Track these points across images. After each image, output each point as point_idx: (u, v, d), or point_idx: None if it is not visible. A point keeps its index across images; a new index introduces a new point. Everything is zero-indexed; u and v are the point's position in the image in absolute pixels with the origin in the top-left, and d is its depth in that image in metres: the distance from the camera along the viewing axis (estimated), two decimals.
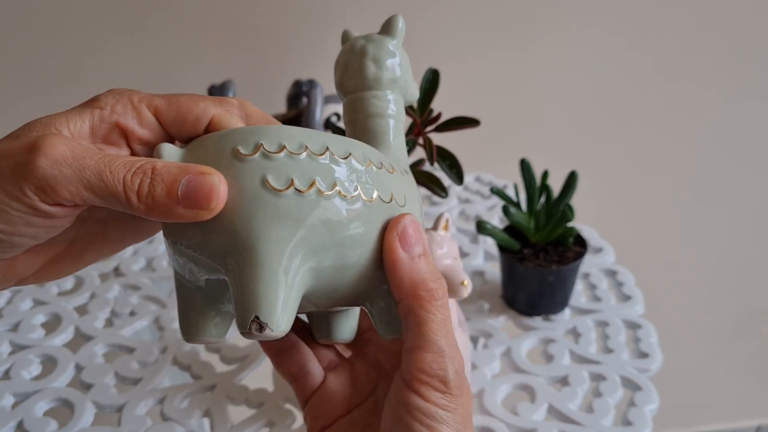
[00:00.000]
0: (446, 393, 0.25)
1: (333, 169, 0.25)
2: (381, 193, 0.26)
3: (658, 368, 0.50)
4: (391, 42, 0.32)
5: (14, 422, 0.46)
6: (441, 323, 0.26)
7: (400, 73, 0.31)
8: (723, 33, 0.89)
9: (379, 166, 0.27)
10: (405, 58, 0.32)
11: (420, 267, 0.26)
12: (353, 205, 0.25)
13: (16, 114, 0.85)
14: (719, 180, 1.01)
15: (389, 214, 0.26)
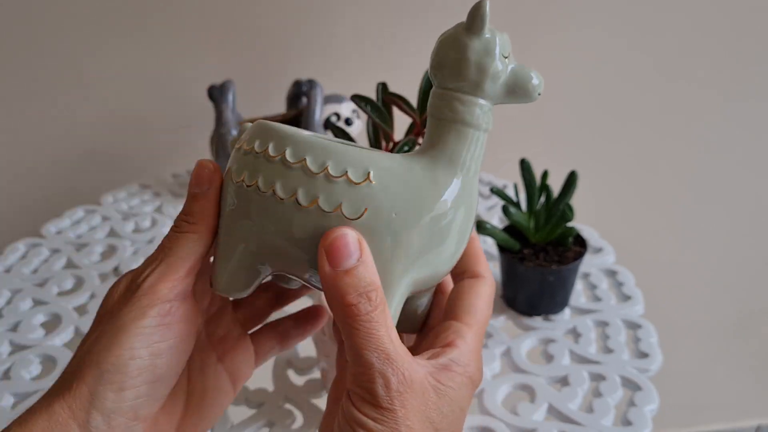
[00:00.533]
0: (376, 406, 0.25)
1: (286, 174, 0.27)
2: (323, 202, 0.26)
3: (658, 368, 0.50)
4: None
5: None
6: (366, 337, 0.26)
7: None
8: (723, 33, 0.89)
9: (339, 174, 0.27)
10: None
11: (344, 282, 0.26)
12: (303, 212, 0.27)
13: (16, 114, 0.85)
14: (719, 180, 1.01)
15: (329, 223, 0.26)
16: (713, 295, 1.13)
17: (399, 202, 0.27)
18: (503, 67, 0.28)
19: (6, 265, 0.64)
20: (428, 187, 0.27)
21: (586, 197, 0.76)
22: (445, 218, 0.27)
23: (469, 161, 0.28)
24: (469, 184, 0.28)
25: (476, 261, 0.32)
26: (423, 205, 0.27)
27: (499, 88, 0.28)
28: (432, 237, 0.27)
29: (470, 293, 0.30)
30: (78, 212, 0.74)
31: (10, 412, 0.47)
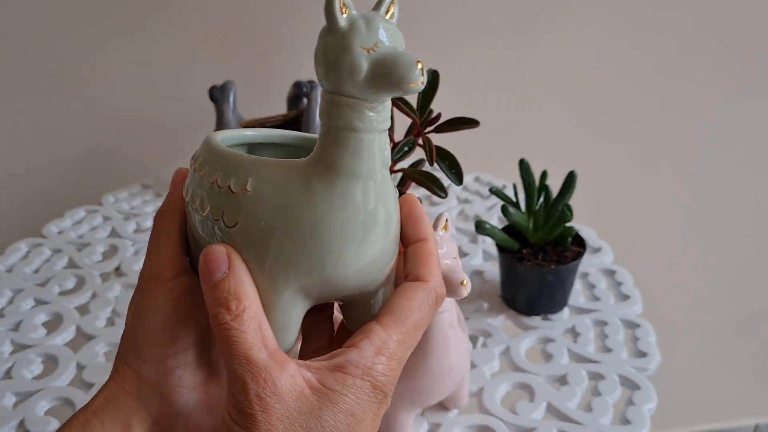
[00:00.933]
0: (239, 411, 0.26)
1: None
2: (211, 212, 0.28)
3: (657, 367, 0.50)
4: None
5: (15, 421, 0.46)
6: (226, 345, 0.26)
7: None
8: (722, 33, 0.89)
9: (224, 184, 0.27)
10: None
11: (211, 295, 0.27)
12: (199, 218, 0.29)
13: (18, 114, 0.85)
14: (717, 180, 1.01)
15: (219, 231, 0.28)
16: (711, 295, 1.13)
17: (269, 211, 0.26)
18: (362, 60, 0.25)
19: (8, 264, 0.65)
20: (300, 194, 0.26)
21: (584, 197, 0.76)
22: (323, 225, 0.26)
23: (350, 165, 0.26)
24: (362, 189, 0.26)
25: (422, 265, 0.30)
26: (294, 215, 0.26)
27: (364, 84, 0.25)
28: (310, 244, 0.27)
29: (401, 295, 0.29)
30: (79, 212, 0.75)
31: (11, 412, 0.47)
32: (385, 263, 0.29)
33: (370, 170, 0.26)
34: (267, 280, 0.27)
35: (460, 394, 0.45)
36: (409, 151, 0.49)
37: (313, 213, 0.26)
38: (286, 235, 0.27)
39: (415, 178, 0.50)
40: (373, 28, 0.25)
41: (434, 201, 0.77)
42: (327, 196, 0.26)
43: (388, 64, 0.25)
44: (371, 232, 0.27)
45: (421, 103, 0.50)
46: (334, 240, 0.27)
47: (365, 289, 0.29)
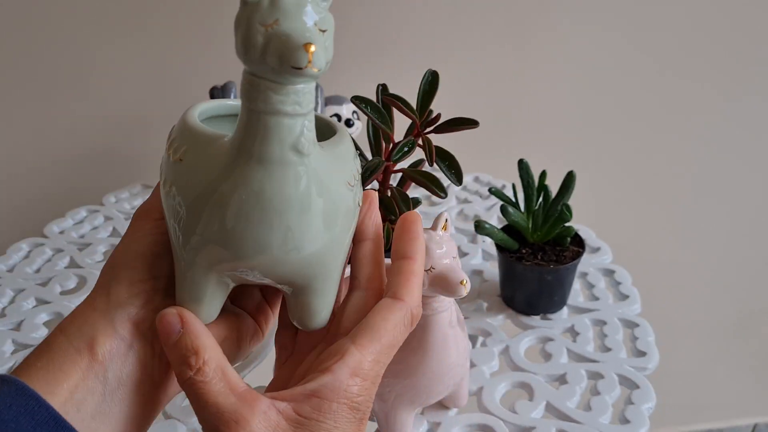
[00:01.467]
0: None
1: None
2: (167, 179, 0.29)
3: (655, 367, 0.50)
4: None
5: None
6: (194, 399, 0.27)
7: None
8: (721, 33, 0.90)
9: (178, 155, 0.29)
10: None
11: (171, 355, 0.28)
12: None
13: (19, 114, 0.85)
14: (716, 180, 1.02)
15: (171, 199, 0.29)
16: (710, 294, 1.13)
17: (190, 183, 0.27)
18: (258, 36, 0.24)
19: (9, 264, 0.65)
20: (214, 170, 0.27)
21: (583, 197, 0.76)
22: (226, 205, 0.26)
23: (253, 147, 0.26)
24: (266, 174, 0.26)
25: (403, 283, 0.30)
26: (208, 189, 0.27)
27: (259, 61, 0.24)
28: (214, 221, 0.27)
29: (378, 314, 0.29)
30: (81, 212, 0.75)
31: None
32: (312, 258, 0.28)
33: (276, 155, 0.26)
34: (182, 249, 0.28)
35: (459, 393, 0.45)
36: (409, 152, 0.49)
37: (219, 191, 0.26)
38: (200, 209, 0.27)
39: (414, 178, 0.50)
40: (276, 5, 0.24)
41: (434, 201, 0.77)
42: (233, 176, 0.26)
43: (276, 43, 0.23)
44: (278, 219, 0.27)
45: (420, 104, 0.50)
46: (237, 222, 0.27)
47: (288, 279, 0.29)
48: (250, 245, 0.27)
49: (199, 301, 0.29)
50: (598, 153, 0.97)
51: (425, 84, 0.50)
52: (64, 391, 0.27)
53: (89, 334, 0.28)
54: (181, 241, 0.28)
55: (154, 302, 0.30)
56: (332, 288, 0.31)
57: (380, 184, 0.53)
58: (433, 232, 0.38)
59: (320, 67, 0.24)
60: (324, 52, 0.24)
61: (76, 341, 0.28)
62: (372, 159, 0.51)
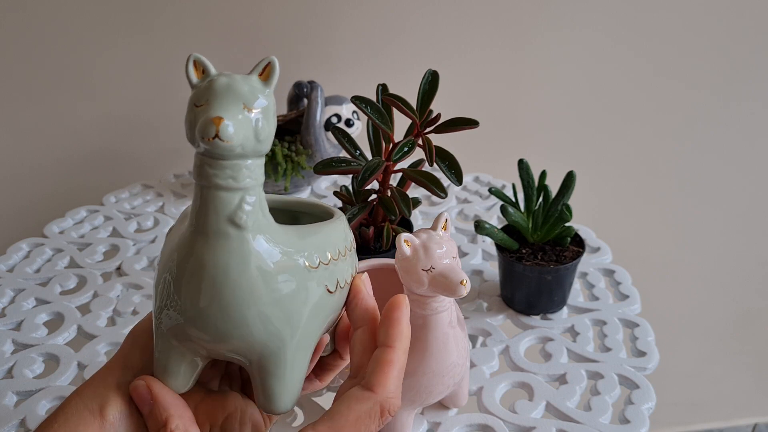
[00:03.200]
0: None
1: None
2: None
3: (655, 366, 0.50)
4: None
5: (17, 420, 0.46)
6: None
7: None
8: (721, 34, 0.90)
9: None
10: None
11: (148, 424, 0.30)
12: None
13: (19, 115, 0.85)
14: (715, 180, 1.02)
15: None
16: (710, 294, 1.14)
17: (163, 250, 0.30)
18: (192, 115, 0.26)
19: (9, 264, 0.65)
20: (174, 241, 0.29)
21: (583, 197, 0.76)
22: (177, 272, 0.28)
23: (195, 217, 0.27)
24: (206, 245, 0.27)
25: (377, 373, 0.30)
26: (167, 258, 0.29)
27: (192, 138, 0.26)
28: (170, 290, 0.29)
29: (344, 402, 0.29)
30: (81, 212, 0.75)
31: (12, 411, 0.47)
32: (253, 338, 0.29)
33: (213, 226, 0.27)
34: (154, 317, 0.31)
35: (459, 393, 0.45)
36: (409, 152, 0.50)
37: (171, 260, 0.28)
38: (159, 277, 0.29)
39: (414, 178, 0.50)
40: (209, 88, 0.26)
41: (434, 201, 0.77)
42: (181, 246, 0.28)
43: (193, 121, 0.26)
44: (216, 290, 0.27)
45: (420, 104, 0.50)
46: (183, 289, 0.28)
47: (236, 355, 0.30)
48: (192, 313, 0.28)
49: (167, 371, 0.31)
50: (598, 153, 0.97)
51: (425, 84, 0.50)
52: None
53: (102, 397, 0.30)
54: (154, 312, 0.30)
55: None
56: (291, 374, 0.30)
57: (380, 184, 0.53)
58: (433, 232, 0.38)
59: (233, 140, 0.25)
60: (244, 129, 0.26)
61: (90, 403, 0.30)
62: (372, 159, 0.51)
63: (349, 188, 0.55)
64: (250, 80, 0.27)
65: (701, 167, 1.00)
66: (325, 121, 0.75)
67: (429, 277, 0.37)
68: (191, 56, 0.26)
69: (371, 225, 0.55)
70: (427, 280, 0.37)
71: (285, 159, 0.73)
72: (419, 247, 0.37)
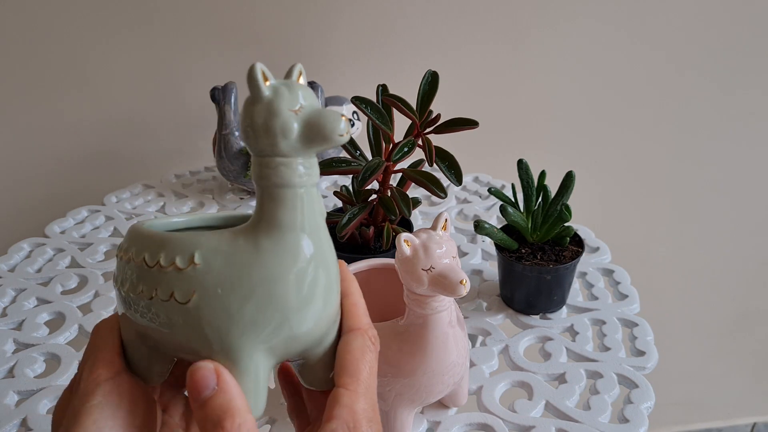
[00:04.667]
0: None
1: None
2: (161, 293, 0.28)
3: (654, 366, 0.50)
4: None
5: (18, 420, 0.46)
6: None
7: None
8: (721, 35, 0.90)
9: (168, 264, 0.28)
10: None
11: (202, 413, 0.26)
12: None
13: (21, 115, 0.85)
14: (715, 180, 1.02)
15: (171, 312, 0.28)
16: (709, 294, 1.14)
17: (223, 278, 0.27)
18: (293, 121, 0.27)
19: (10, 264, 0.65)
20: (252, 256, 0.27)
21: (583, 197, 0.77)
22: (279, 282, 0.27)
23: (290, 220, 0.27)
24: (301, 242, 0.28)
25: (349, 317, 0.31)
26: (250, 276, 0.27)
27: (295, 143, 0.27)
28: (269, 304, 0.27)
29: (342, 351, 0.30)
30: (82, 212, 0.75)
31: (14, 410, 0.47)
32: (337, 312, 0.30)
33: (312, 223, 0.28)
34: (234, 347, 0.28)
35: (459, 392, 0.46)
36: (409, 152, 0.50)
37: (267, 271, 0.27)
38: (245, 298, 0.27)
39: (414, 178, 0.50)
40: (294, 92, 0.27)
41: (434, 201, 0.77)
42: (278, 252, 0.27)
43: (317, 121, 0.26)
44: (322, 281, 0.28)
45: (420, 104, 0.50)
46: (292, 294, 0.27)
47: (323, 339, 0.30)
48: (310, 316, 0.28)
49: (259, 393, 0.29)
50: (597, 153, 0.97)
51: (425, 84, 0.50)
52: None
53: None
54: (236, 339, 0.28)
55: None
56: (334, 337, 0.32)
57: (380, 184, 0.54)
58: (433, 231, 0.38)
59: (350, 132, 0.28)
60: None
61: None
62: (372, 159, 0.51)
63: (349, 188, 0.55)
64: (302, 84, 0.28)
65: (701, 167, 1.00)
66: None
67: (429, 277, 0.37)
68: (257, 66, 0.26)
69: (371, 225, 0.55)
70: (427, 279, 0.37)
71: None
72: (419, 247, 0.37)
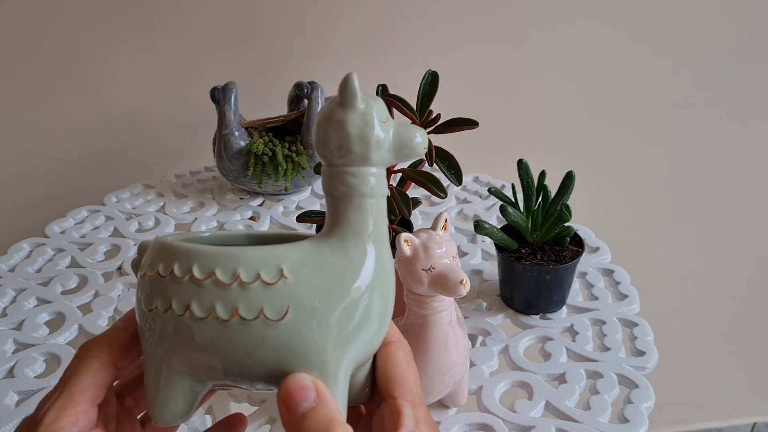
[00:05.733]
0: None
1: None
2: (243, 311, 0.26)
3: (654, 366, 0.50)
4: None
5: (18, 420, 0.47)
6: None
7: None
8: (721, 35, 0.90)
9: (252, 279, 0.26)
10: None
11: (303, 425, 0.26)
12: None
13: (20, 115, 0.85)
14: (715, 180, 1.02)
15: (256, 331, 0.26)
16: (709, 294, 1.14)
17: (319, 290, 0.26)
18: (385, 133, 0.27)
19: (10, 264, 0.65)
20: (344, 266, 0.27)
21: (583, 197, 0.77)
22: (370, 291, 0.27)
23: (374, 229, 0.28)
24: (383, 251, 0.28)
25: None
26: (344, 286, 0.27)
27: (386, 154, 0.28)
28: (361, 314, 0.27)
29: (389, 363, 0.30)
30: (82, 212, 0.75)
31: (14, 410, 0.47)
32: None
33: (386, 233, 0.29)
34: (328, 361, 0.27)
35: (459, 392, 0.46)
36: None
37: (362, 281, 0.27)
38: (343, 310, 0.27)
39: (414, 178, 0.50)
40: (381, 104, 0.28)
41: (434, 201, 0.77)
42: (370, 261, 0.28)
43: (407, 135, 0.28)
44: (393, 291, 0.29)
45: (420, 104, 0.50)
46: (381, 303, 0.28)
47: (373, 353, 0.30)
48: (386, 323, 0.29)
49: (344, 401, 0.28)
50: (597, 153, 0.97)
51: (425, 84, 0.50)
52: None
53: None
54: (334, 350, 0.27)
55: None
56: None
57: None
58: (433, 231, 0.38)
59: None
60: None
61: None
62: None
63: None
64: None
65: (701, 167, 1.00)
66: None
67: (429, 277, 0.37)
68: (353, 75, 0.27)
69: None
70: (427, 279, 0.37)
71: (285, 159, 0.73)
72: (419, 247, 0.37)
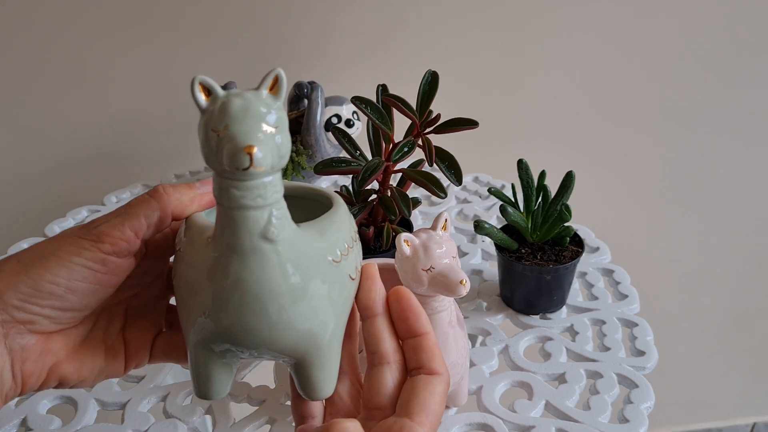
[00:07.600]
0: None
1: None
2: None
3: (654, 366, 0.50)
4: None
5: (18, 420, 0.46)
6: None
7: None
8: (720, 34, 0.90)
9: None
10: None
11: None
12: None
13: (20, 115, 0.85)
14: (714, 180, 1.02)
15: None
16: (709, 294, 1.14)
17: (184, 270, 0.30)
18: (212, 141, 0.25)
19: None
20: (198, 257, 0.29)
21: (583, 197, 0.77)
22: (206, 288, 0.29)
23: (224, 238, 0.28)
24: (237, 261, 0.28)
25: (432, 357, 0.32)
26: (195, 275, 0.30)
27: (214, 164, 0.26)
28: (199, 302, 0.29)
29: (425, 391, 0.31)
30: (82, 212, 0.75)
31: (13, 410, 0.47)
32: (299, 336, 0.30)
33: (247, 245, 0.27)
34: (185, 329, 0.31)
35: (459, 392, 0.46)
36: (409, 152, 0.50)
37: (203, 281, 0.29)
38: (188, 297, 0.30)
39: (414, 178, 0.50)
40: (225, 112, 0.25)
41: (434, 201, 0.77)
42: (213, 267, 0.28)
43: (225, 147, 0.25)
44: (258, 304, 0.28)
45: (420, 104, 0.50)
46: (222, 309, 0.29)
47: (283, 356, 0.31)
48: (236, 330, 0.29)
49: (207, 378, 0.32)
50: (597, 153, 0.97)
51: (425, 84, 0.50)
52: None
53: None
54: (185, 322, 0.31)
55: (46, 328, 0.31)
56: (332, 360, 0.32)
57: (380, 184, 0.54)
58: (433, 231, 0.38)
59: (265, 165, 0.25)
60: (270, 151, 0.25)
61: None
62: (372, 159, 0.51)
63: (349, 188, 0.55)
64: (262, 96, 0.26)
65: (700, 167, 1.00)
66: (326, 121, 0.75)
67: (429, 277, 0.37)
68: (196, 79, 0.26)
69: (371, 225, 0.55)
70: (426, 279, 0.37)
71: None
72: (419, 246, 0.37)
